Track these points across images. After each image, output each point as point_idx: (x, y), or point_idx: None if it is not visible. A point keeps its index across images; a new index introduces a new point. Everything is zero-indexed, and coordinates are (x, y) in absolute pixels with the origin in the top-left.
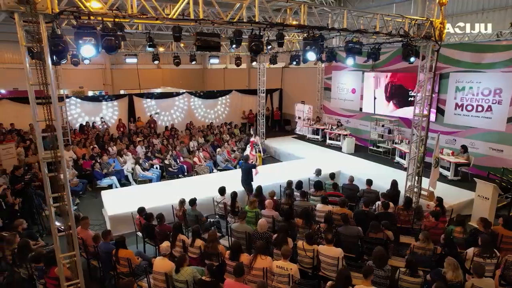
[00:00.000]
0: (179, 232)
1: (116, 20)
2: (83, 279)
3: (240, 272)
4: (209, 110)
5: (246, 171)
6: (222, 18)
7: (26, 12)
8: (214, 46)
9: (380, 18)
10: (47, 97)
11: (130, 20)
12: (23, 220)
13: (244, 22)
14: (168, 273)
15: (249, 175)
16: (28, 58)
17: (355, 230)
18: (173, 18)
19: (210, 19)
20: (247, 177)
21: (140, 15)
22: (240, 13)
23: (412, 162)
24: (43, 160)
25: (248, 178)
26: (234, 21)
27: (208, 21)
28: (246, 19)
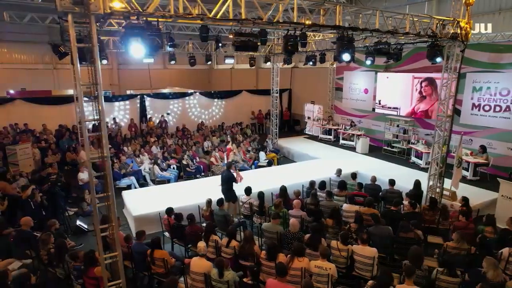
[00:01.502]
0: (212, 233)
1: (160, 20)
2: (125, 279)
3: (284, 272)
4: (218, 110)
5: (226, 180)
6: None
7: (80, 13)
8: (252, 46)
9: (409, 19)
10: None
11: (173, 20)
12: (55, 221)
13: (283, 23)
14: (207, 273)
15: (229, 184)
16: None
17: (386, 230)
18: (216, 18)
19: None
20: (227, 186)
21: (185, 15)
22: (280, 13)
23: (434, 162)
24: (90, 160)
25: (228, 188)
26: (274, 21)
27: (249, 21)
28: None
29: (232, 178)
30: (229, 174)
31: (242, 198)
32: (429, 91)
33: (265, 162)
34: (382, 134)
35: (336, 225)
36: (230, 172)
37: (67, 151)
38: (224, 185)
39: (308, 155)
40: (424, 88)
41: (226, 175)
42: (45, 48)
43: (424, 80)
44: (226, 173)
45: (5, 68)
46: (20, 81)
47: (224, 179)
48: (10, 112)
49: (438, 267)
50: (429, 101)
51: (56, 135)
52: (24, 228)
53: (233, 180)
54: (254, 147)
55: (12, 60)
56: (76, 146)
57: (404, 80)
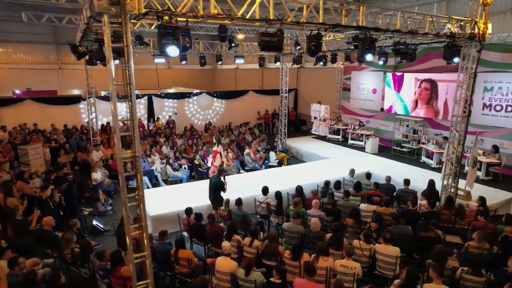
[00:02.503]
0: (234, 232)
1: (189, 20)
2: (153, 279)
3: (313, 271)
4: (224, 110)
5: (214, 187)
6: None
7: (115, 13)
8: (277, 46)
9: (424, 19)
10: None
11: (203, 20)
12: (77, 220)
13: (310, 23)
14: (233, 273)
15: (217, 190)
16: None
17: (406, 229)
18: (245, 18)
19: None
20: (215, 192)
21: (216, 15)
22: (306, 14)
23: (448, 162)
24: (122, 159)
25: (216, 194)
26: (300, 22)
27: (277, 22)
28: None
29: (221, 185)
30: (218, 181)
31: (259, 198)
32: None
33: (275, 162)
34: (390, 134)
35: (356, 224)
36: (219, 179)
37: (78, 151)
38: (212, 192)
39: (318, 155)
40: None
41: (216, 182)
42: (50, 48)
43: (424, 81)
44: (216, 180)
45: (11, 68)
46: (26, 81)
47: (212, 186)
48: (19, 112)
49: (459, 266)
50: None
51: (65, 135)
52: (46, 228)
53: (222, 187)
54: (264, 147)
55: (18, 60)
56: (88, 146)
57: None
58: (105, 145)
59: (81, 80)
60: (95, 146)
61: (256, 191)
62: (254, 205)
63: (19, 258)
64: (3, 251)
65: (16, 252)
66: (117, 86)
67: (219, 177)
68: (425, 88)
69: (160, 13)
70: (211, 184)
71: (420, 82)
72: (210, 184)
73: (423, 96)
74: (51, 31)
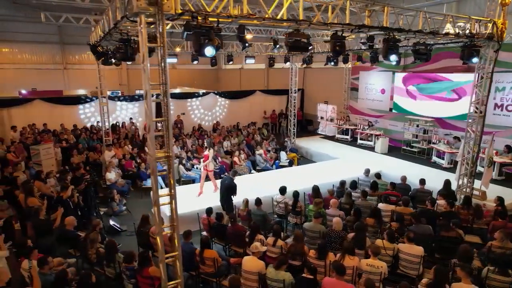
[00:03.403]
0: (257, 232)
1: (220, 20)
2: (183, 279)
3: (343, 271)
4: (230, 110)
5: (227, 189)
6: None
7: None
8: (304, 47)
9: (445, 19)
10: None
11: (235, 20)
12: (99, 220)
13: (336, 24)
14: (261, 272)
15: (229, 193)
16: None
17: (428, 229)
18: (276, 19)
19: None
20: (228, 195)
21: (249, 15)
22: (334, 15)
23: (464, 162)
24: (156, 160)
25: (229, 196)
26: (328, 22)
27: (306, 22)
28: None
29: (234, 188)
30: (232, 183)
31: (277, 198)
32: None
33: (286, 162)
34: (399, 134)
35: (377, 224)
36: (232, 181)
37: (89, 151)
38: (224, 194)
39: (328, 155)
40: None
41: (229, 184)
42: (55, 48)
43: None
44: (229, 181)
45: (17, 69)
46: (31, 81)
47: (224, 188)
48: (28, 112)
49: (481, 266)
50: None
51: (75, 135)
52: (68, 228)
53: (234, 190)
54: (273, 147)
55: (23, 60)
56: (98, 146)
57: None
58: (116, 145)
59: (86, 80)
60: (108, 146)
61: (269, 191)
62: (270, 205)
63: (48, 257)
64: (31, 251)
65: (39, 251)
66: (120, 86)
67: (232, 179)
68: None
69: (195, 13)
70: (223, 186)
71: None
72: (222, 186)
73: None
74: (57, 31)
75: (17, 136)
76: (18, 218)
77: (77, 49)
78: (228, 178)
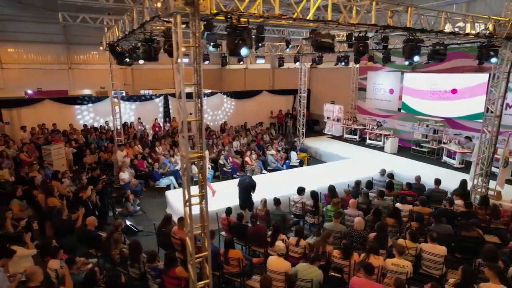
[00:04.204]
0: (280, 232)
1: (250, 21)
2: (212, 279)
3: (371, 270)
4: (236, 110)
5: (248, 187)
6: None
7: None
8: (329, 47)
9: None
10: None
11: (265, 20)
12: (121, 221)
13: (362, 24)
14: (287, 272)
15: (249, 191)
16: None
17: (448, 229)
18: (306, 19)
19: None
20: (248, 193)
21: (280, 15)
22: (360, 15)
23: (479, 162)
24: (189, 160)
25: (250, 195)
26: (355, 23)
27: (334, 23)
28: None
29: (254, 185)
30: (252, 181)
31: (294, 198)
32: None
33: (296, 162)
34: (408, 134)
35: (397, 224)
36: (252, 179)
37: (100, 151)
38: (244, 193)
39: (338, 155)
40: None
41: (249, 182)
42: (60, 48)
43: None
44: (249, 180)
45: (22, 69)
46: (36, 81)
47: (244, 186)
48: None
49: (505, 266)
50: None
51: (84, 135)
52: (89, 228)
53: (254, 188)
54: (282, 147)
55: (29, 60)
56: (109, 146)
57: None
58: (126, 145)
59: (91, 80)
60: (119, 146)
61: (282, 191)
62: (285, 205)
63: (76, 257)
64: (57, 250)
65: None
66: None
67: (251, 177)
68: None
69: (230, 13)
70: (243, 185)
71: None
72: (242, 184)
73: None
74: (61, 31)
75: (27, 136)
76: (36, 218)
77: (82, 49)
78: (247, 177)
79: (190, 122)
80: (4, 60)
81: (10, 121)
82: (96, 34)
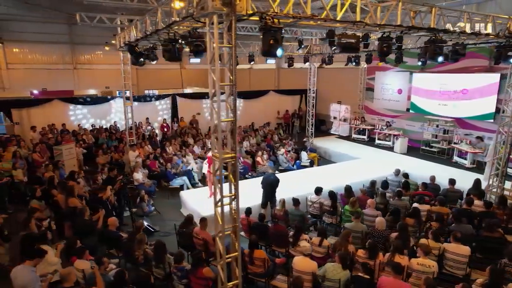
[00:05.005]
0: (302, 232)
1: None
2: (241, 280)
3: (400, 270)
4: (242, 110)
5: (274, 184)
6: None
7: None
8: (354, 48)
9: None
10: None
11: (297, 21)
12: (142, 222)
13: (389, 25)
14: (314, 272)
15: (274, 189)
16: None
17: (469, 228)
18: (337, 20)
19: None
20: (273, 190)
21: (312, 16)
22: (386, 16)
23: (495, 162)
24: (223, 160)
25: (274, 193)
26: (381, 24)
27: (362, 23)
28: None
29: (278, 183)
30: (276, 178)
31: (312, 198)
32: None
33: (307, 162)
34: (416, 134)
35: (417, 224)
36: (276, 176)
37: (111, 152)
38: (269, 191)
39: (348, 155)
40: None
41: (274, 179)
42: (65, 48)
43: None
44: (274, 177)
45: (27, 69)
46: (41, 81)
47: (270, 184)
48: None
49: None
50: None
51: (94, 135)
52: (111, 228)
53: (277, 185)
54: (292, 147)
55: (33, 60)
56: (121, 146)
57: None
58: (137, 146)
59: (96, 80)
60: (132, 146)
61: (294, 191)
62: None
63: (103, 258)
64: (83, 251)
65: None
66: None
67: (274, 174)
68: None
69: (264, 14)
70: (268, 182)
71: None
72: (266, 181)
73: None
74: (67, 31)
75: (37, 136)
76: (53, 218)
77: (87, 49)
78: (271, 174)
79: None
80: (9, 60)
81: (19, 121)
82: (101, 34)
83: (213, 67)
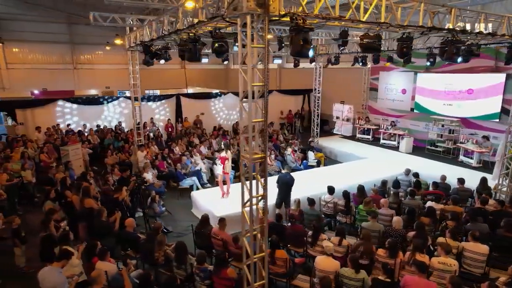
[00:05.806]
0: (320, 232)
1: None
2: (267, 280)
3: (425, 268)
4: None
5: (289, 184)
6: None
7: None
8: (376, 48)
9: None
10: None
11: (324, 22)
12: (160, 223)
13: (411, 26)
14: (338, 272)
15: (289, 188)
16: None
17: (485, 227)
18: (362, 21)
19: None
20: (288, 190)
21: (340, 17)
22: (410, 16)
23: (504, 161)
24: (253, 161)
25: (289, 193)
26: (403, 25)
27: (387, 24)
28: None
29: (293, 182)
30: (292, 177)
31: (325, 198)
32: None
33: (314, 162)
34: (421, 134)
35: (432, 223)
36: (292, 176)
37: (118, 152)
38: (284, 190)
39: (354, 155)
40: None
41: (290, 178)
42: (65, 48)
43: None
44: (290, 177)
45: (27, 69)
46: (42, 81)
47: (286, 183)
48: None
49: None
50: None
51: (99, 136)
52: (129, 230)
53: (292, 184)
54: (299, 147)
55: (34, 60)
56: (127, 147)
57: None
58: (145, 146)
59: (96, 80)
60: (140, 147)
61: (303, 191)
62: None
63: (127, 259)
64: (105, 252)
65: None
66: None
67: (289, 173)
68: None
69: (295, 14)
70: (283, 181)
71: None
72: (282, 181)
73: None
74: (67, 31)
75: (42, 137)
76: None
77: (87, 49)
78: (287, 173)
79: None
80: (9, 60)
81: (23, 121)
82: (102, 34)
83: (245, 67)
